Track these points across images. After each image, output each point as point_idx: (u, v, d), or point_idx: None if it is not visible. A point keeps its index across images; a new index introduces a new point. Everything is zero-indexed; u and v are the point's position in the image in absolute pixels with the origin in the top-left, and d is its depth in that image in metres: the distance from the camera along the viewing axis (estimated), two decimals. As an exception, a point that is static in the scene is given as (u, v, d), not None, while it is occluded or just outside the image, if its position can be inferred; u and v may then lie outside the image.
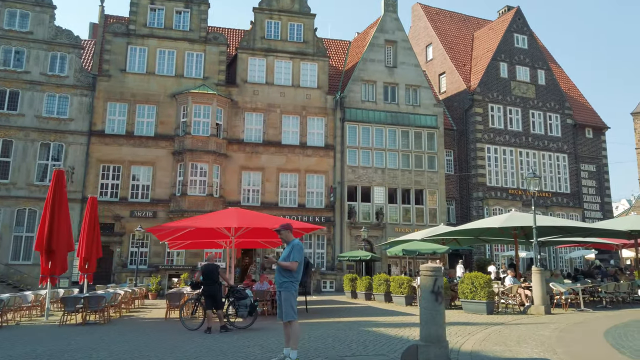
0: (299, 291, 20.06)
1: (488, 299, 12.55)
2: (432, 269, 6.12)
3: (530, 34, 34.51)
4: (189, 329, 10.15)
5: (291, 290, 6.25)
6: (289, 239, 6.49)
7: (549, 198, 32.63)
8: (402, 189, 29.86)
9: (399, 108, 30.56)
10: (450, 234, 16.55)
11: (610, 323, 10.08)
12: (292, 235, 6.57)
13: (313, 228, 14.30)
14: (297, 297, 6.42)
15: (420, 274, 6.33)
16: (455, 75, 33.88)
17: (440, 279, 6.10)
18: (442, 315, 6.04)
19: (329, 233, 28.25)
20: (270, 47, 29.01)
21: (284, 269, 6.26)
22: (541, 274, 12.78)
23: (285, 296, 6.22)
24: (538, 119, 33.48)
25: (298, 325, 6.32)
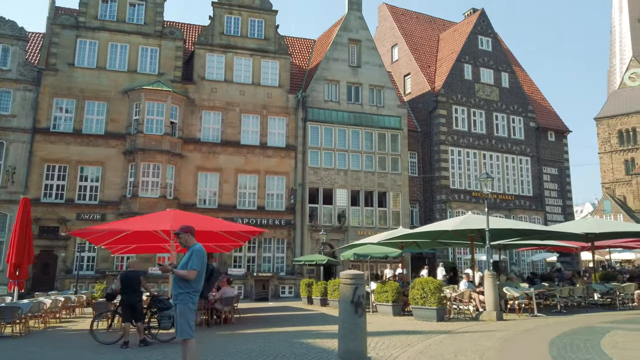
0: (260, 297, 19.22)
1: (439, 305, 11.92)
2: (351, 277, 5.36)
3: (495, 36, 34.54)
4: (103, 343, 9.12)
5: (188, 303, 5.34)
6: (190, 243, 5.61)
7: (512, 201, 32.60)
8: (365, 191, 29.26)
9: (362, 108, 29.99)
10: (406, 237, 15.94)
11: (559, 330, 9.55)
12: (193, 239, 5.68)
13: (254, 231, 13.37)
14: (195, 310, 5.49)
15: (340, 281, 5.55)
16: (420, 77, 33.58)
17: (361, 288, 5.34)
18: (362, 328, 5.29)
19: (289, 236, 27.39)
20: (229, 44, 28.02)
21: (180, 278, 5.35)
22: (493, 279, 12.24)
23: (181, 310, 5.30)
24: (502, 121, 33.47)
25: (194, 344, 5.41)
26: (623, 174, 71.50)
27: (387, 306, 13.78)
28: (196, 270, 5.31)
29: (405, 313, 14.07)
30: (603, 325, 10.45)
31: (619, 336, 8.55)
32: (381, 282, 16.81)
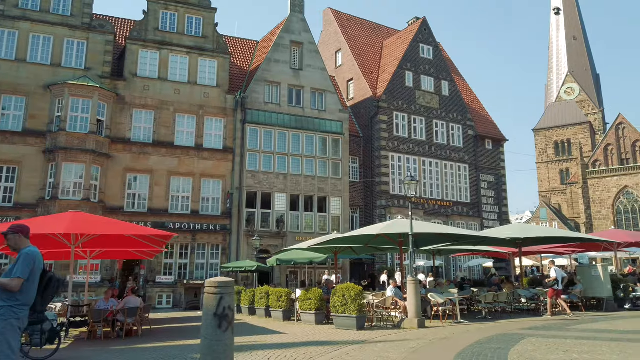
0: (191, 305, 17.90)
1: (359, 312, 11.42)
2: (216, 285, 4.64)
3: (436, 45, 35.07)
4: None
5: (9, 319, 4.23)
6: (20, 246, 4.61)
7: (450, 207, 33.02)
8: (305, 195, 28.70)
9: (303, 112, 29.48)
10: (334, 242, 15.41)
11: (475, 338, 9.25)
12: (26, 241, 4.69)
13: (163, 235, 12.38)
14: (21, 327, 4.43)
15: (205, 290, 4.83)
16: (363, 82, 33.53)
17: (228, 298, 4.64)
18: (227, 346, 4.58)
19: (224, 242, 26.35)
20: (164, 40, 26.76)
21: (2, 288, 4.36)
22: (415, 285, 11.89)
23: (1, 328, 4.30)
24: (441, 129, 33.92)
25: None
26: (558, 184, 74.99)
27: (309, 314, 13.16)
28: (21, 279, 4.32)
29: (330, 321, 13.49)
30: (521, 332, 10.28)
31: (531, 344, 8.31)
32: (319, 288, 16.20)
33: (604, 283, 15.53)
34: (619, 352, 7.30)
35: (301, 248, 16.82)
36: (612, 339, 8.71)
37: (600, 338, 8.85)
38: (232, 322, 4.61)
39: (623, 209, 58.87)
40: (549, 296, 13.84)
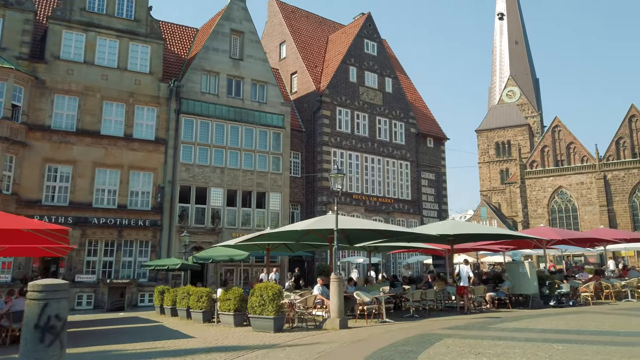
0: (115, 306, 16.48)
1: (277, 313, 10.69)
2: (40, 289, 3.73)
3: (380, 41, 34.91)
4: None
5: None
6: None
7: (391, 204, 32.99)
8: (243, 190, 27.70)
9: (243, 104, 28.43)
10: (261, 239, 14.59)
11: (391, 339, 8.75)
12: None
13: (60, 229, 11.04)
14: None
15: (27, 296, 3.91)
16: (306, 76, 32.84)
17: (57, 305, 3.75)
18: (53, 365, 3.67)
19: (154, 238, 24.91)
20: (92, 21, 24.90)
21: None
22: (339, 283, 11.30)
23: None
24: (384, 125, 33.82)
25: None
26: (499, 183, 77.63)
27: (228, 316, 12.31)
28: None
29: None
30: (441, 332, 9.90)
31: (445, 346, 7.88)
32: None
33: (530, 280, 15.63)
34: (530, 354, 6.97)
35: (228, 245, 15.91)
36: (528, 339, 8.45)
37: (517, 338, 8.58)
38: (60, 334, 3.72)
39: (557, 208, 61.54)
40: (457, 294, 13.70)
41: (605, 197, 57.52)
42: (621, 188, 57.34)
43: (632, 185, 56.69)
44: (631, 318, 11.50)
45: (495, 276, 17.45)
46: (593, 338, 8.42)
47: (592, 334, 9.02)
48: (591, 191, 58.74)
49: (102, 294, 22.66)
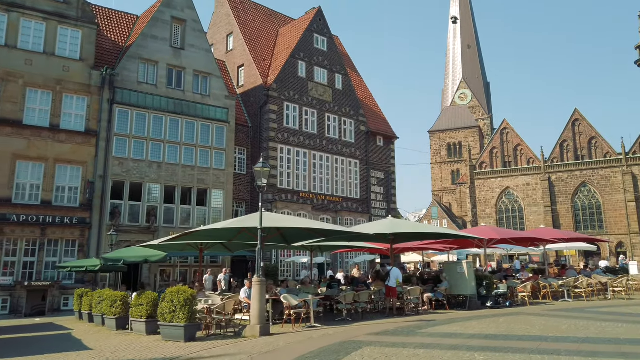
0: (36, 310, 14.70)
1: (189, 320, 9.65)
2: None
3: (331, 36, 34.24)
4: None
5: None
6: None
7: (340, 203, 32.38)
8: (183, 187, 26.29)
9: (184, 95, 26.99)
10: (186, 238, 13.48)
11: (307, 349, 7.94)
12: None
13: None
14: None
15: None
16: (254, 69, 31.70)
17: None
18: None
19: (82, 237, 23.14)
20: (15, 1, 22.82)
21: None
22: (260, 286, 10.38)
23: None
24: (333, 122, 33.18)
25: None
26: (450, 183, 79.00)
27: (140, 323, 11.14)
28: None
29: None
30: (365, 338, 9.19)
31: (361, 357, 7.11)
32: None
33: (468, 280, 15.27)
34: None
35: (152, 244, 14.68)
36: (453, 346, 7.84)
37: (441, 346, 7.95)
38: None
39: (504, 208, 63.10)
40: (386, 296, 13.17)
41: (549, 198, 59.42)
42: (564, 189, 59.40)
43: (574, 187, 58.82)
44: (562, 320, 11.21)
45: (436, 276, 17.03)
46: (519, 345, 7.91)
47: (520, 339, 8.53)
48: (536, 192, 60.55)
49: (19, 298, 20.75)
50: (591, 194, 58.09)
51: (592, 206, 57.88)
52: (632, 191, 55.16)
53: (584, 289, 17.35)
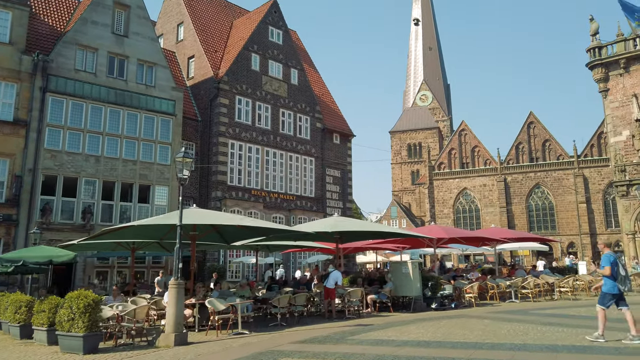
0: None
1: (89, 329, 8.47)
2: None
3: (286, 30, 33.26)
4: None
5: None
6: None
7: (293, 201, 31.44)
8: (123, 183, 24.68)
9: (127, 86, 25.38)
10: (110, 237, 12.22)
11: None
12: None
13: None
14: None
15: None
16: (204, 61, 30.33)
17: None
18: None
19: (7, 236, 21.27)
20: None
21: None
22: (177, 291, 9.30)
23: None
24: (288, 119, 32.20)
25: None
26: (410, 184, 79.42)
27: (42, 332, 9.85)
28: None
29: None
30: (288, 347, 8.29)
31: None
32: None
33: (413, 281, 14.63)
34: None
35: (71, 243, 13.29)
36: (378, 356, 7.04)
37: (366, 356, 7.15)
38: None
39: (462, 209, 63.81)
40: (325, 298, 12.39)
41: (505, 199, 60.43)
42: (519, 191, 60.55)
43: (528, 188, 60.04)
44: (503, 324, 10.66)
45: (382, 277, 16.35)
46: (450, 354, 7.20)
47: (454, 347, 7.83)
48: (493, 193, 61.49)
49: None
50: (544, 195, 59.45)
51: (546, 207, 59.25)
52: (583, 193, 56.77)
53: (531, 289, 17.06)
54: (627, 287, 7.99)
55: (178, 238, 10.05)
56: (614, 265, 7.99)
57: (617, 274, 7.92)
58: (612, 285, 8.00)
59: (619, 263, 8.03)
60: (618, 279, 7.91)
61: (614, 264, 8.00)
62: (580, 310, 13.14)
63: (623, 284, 7.91)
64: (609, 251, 8.31)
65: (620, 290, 7.96)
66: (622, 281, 7.90)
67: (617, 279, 7.91)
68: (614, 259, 8.08)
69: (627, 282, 8.01)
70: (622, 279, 7.91)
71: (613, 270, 7.95)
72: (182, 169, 10.47)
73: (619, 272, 7.92)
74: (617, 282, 7.92)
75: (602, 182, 55.48)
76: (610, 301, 8.01)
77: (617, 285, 7.94)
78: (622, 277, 7.92)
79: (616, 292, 7.97)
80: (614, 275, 7.94)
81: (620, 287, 7.93)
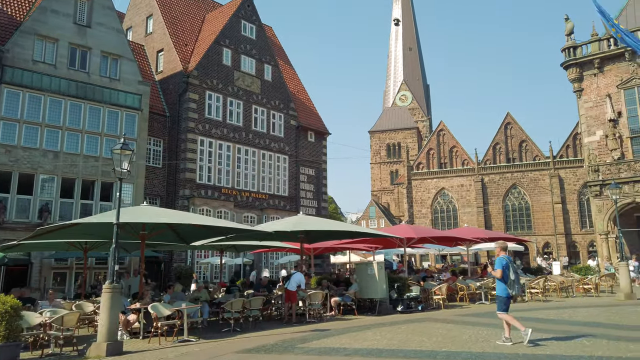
0: None
1: (6, 339, 7.60)
2: None
3: (260, 24, 32.44)
4: None
5: None
6: None
7: (266, 200, 30.64)
8: (84, 180, 23.58)
9: (89, 78, 24.26)
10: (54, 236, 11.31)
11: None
12: None
13: None
14: None
15: None
16: (174, 54, 29.33)
17: None
18: None
19: (-46, 235, 20.04)
20: None
21: None
22: (112, 294, 8.50)
23: None
24: (261, 115, 31.38)
25: None
26: (389, 184, 79.22)
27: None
28: None
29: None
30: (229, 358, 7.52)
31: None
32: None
33: (378, 282, 14.01)
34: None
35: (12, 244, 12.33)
36: (320, 368, 6.35)
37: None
38: None
39: (440, 209, 63.75)
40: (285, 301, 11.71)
41: (482, 199, 60.52)
42: (496, 191, 60.71)
43: (505, 189, 60.25)
44: (467, 329, 10.11)
45: (348, 279, 15.71)
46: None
47: (406, 356, 7.22)
48: (470, 193, 61.53)
49: None
50: (521, 196, 59.72)
51: (522, 207, 59.52)
52: (558, 193, 57.18)
53: (501, 290, 16.59)
54: (515, 291, 8.12)
55: (114, 237, 9.20)
56: (506, 268, 8.09)
57: (507, 277, 8.04)
58: (503, 288, 8.15)
59: (510, 267, 8.14)
60: (508, 282, 8.02)
61: (506, 267, 8.11)
62: (550, 313, 12.69)
63: (512, 287, 8.04)
64: (504, 254, 8.43)
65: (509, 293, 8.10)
66: (511, 285, 8.03)
67: (507, 283, 8.03)
68: (506, 262, 8.18)
69: (516, 286, 8.10)
70: (512, 282, 8.03)
71: (504, 274, 8.05)
72: (120, 161, 9.59)
73: (509, 276, 8.03)
74: (507, 286, 8.04)
75: (577, 183, 55.94)
76: (505, 304, 8.15)
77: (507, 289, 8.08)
78: (512, 281, 8.03)
79: (506, 295, 8.11)
80: (505, 278, 8.06)
81: (509, 290, 8.05)
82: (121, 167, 9.48)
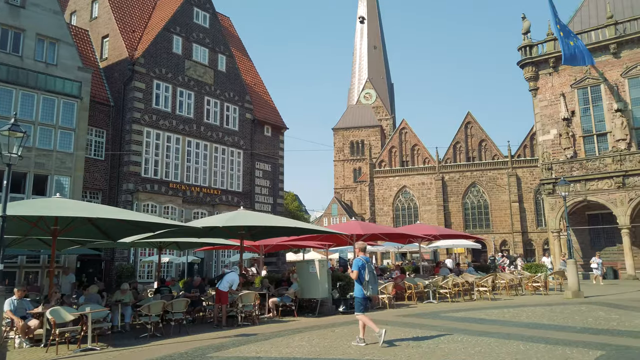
0: None
1: None
2: None
3: (214, 13, 31.13)
4: None
5: None
6: None
7: (218, 195, 29.41)
8: (15, 172, 21.71)
9: (22, 62, 22.44)
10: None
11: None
12: None
13: None
14: None
15: None
16: (119, 41, 27.69)
17: None
18: None
19: None
20: None
21: None
22: None
23: None
24: (214, 107, 30.11)
25: None
26: (352, 181, 78.92)
27: None
28: None
29: None
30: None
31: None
32: None
33: (320, 282, 13.21)
34: None
35: None
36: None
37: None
38: None
39: (401, 207, 63.87)
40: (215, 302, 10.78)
41: (442, 197, 60.95)
42: (456, 189, 61.26)
43: (465, 187, 60.86)
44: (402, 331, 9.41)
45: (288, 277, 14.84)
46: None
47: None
48: (431, 191, 61.86)
49: None
50: (480, 194, 60.45)
51: (481, 205, 60.26)
52: (515, 192, 58.14)
53: (449, 289, 16.13)
54: (369, 291, 8.14)
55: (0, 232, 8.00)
56: (362, 269, 8.11)
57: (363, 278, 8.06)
58: (359, 289, 8.19)
59: (366, 268, 8.12)
60: (363, 283, 8.05)
61: (362, 268, 8.11)
62: (492, 313, 12.18)
63: (366, 288, 8.08)
64: (363, 255, 8.49)
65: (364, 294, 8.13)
66: (365, 286, 8.07)
67: (362, 284, 8.06)
68: (362, 263, 8.17)
69: (370, 287, 8.11)
70: (366, 283, 8.06)
71: (361, 275, 8.07)
72: (7, 145, 8.36)
73: (365, 277, 8.05)
74: (362, 286, 8.08)
75: (533, 182, 56.99)
76: (362, 305, 8.22)
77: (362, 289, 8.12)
78: (366, 282, 8.06)
79: (362, 295, 8.15)
80: (361, 279, 8.09)
81: (364, 291, 8.10)
82: (9, 152, 8.25)
